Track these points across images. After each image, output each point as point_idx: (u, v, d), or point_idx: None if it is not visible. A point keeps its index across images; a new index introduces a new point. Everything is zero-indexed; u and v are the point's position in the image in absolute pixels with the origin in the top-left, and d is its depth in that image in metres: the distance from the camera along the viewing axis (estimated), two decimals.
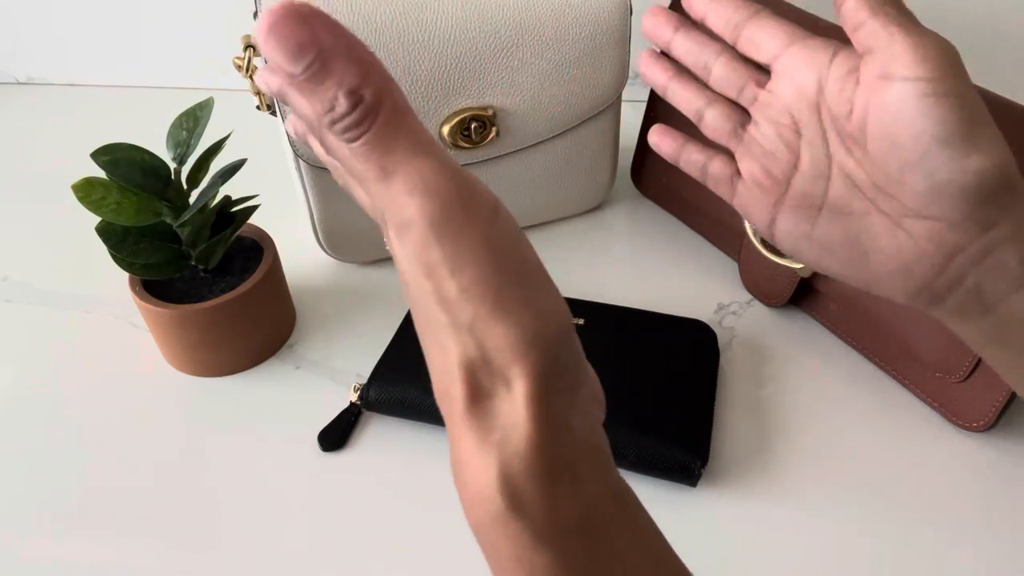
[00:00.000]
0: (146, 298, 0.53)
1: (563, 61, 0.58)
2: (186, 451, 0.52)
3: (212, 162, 0.52)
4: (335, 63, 0.22)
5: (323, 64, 0.22)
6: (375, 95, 0.23)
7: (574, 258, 0.66)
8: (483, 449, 0.24)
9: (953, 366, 0.49)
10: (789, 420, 0.53)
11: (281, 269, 0.58)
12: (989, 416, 0.49)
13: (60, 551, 0.46)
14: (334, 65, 0.22)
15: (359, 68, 0.22)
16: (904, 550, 0.46)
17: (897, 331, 0.52)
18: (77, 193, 0.47)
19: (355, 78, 0.22)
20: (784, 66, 0.35)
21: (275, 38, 0.21)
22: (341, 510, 0.48)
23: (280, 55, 0.21)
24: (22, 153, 0.81)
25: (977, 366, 0.48)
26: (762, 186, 0.37)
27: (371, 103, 0.23)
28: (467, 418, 0.24)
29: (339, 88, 0.22)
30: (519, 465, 0.24)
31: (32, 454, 0.52)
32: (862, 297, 0.53)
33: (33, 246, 0.69)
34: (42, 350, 0.59)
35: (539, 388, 0.24)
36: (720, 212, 0.63)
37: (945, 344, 0.49)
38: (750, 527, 0.47)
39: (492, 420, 0.24)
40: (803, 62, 0.34)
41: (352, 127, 0.23)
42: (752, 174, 0.37)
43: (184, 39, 0.86)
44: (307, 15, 0.21)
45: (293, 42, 0.21)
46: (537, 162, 0.64)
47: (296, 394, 0.55)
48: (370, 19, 0.53)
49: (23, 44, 0.89)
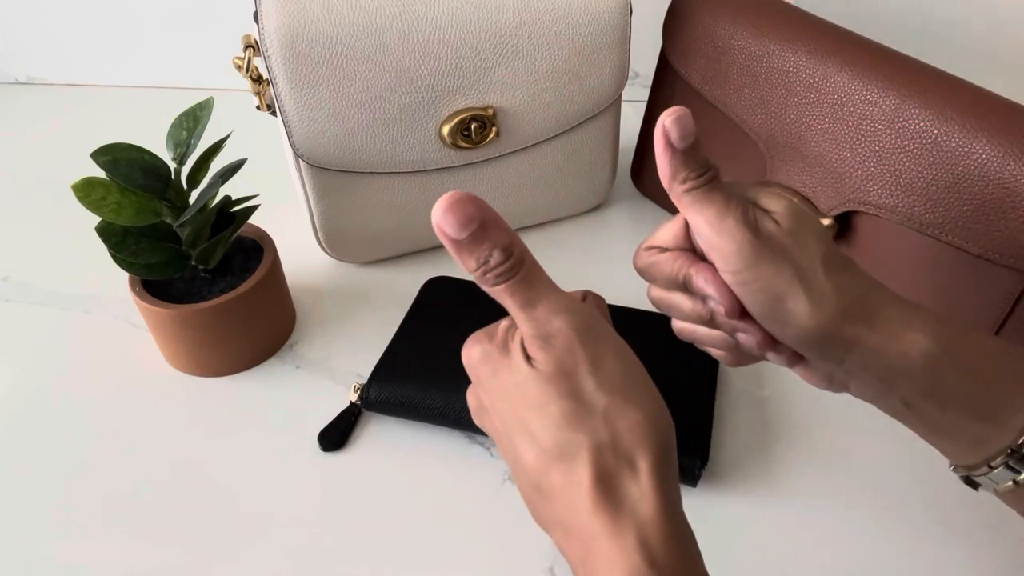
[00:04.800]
0: (146, 298, 0.53)
1: (563, 61, 0.58)
2: (186, 451, 0.52)
3: (212, 162, 0.52)
4: (492, 230, 0.31)
5: (483, 230, 0.31)
6: (520, 250, 0.32)
7: (574, 258, 0.66)
8: (618, 520, 0.30)
9: None
10: (789, 420, 0.53)
11: (281, 269, 0.58)
12: None
13: (60, 551, 0.46)
14: (491, 231, 0.31)
15: (509, 233, 0.32)
16: (904, 550, 0.46)
17: None
18: (77, 193, 0.47)
19: (508, 239, 0.32)
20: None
21: (452, 213, 0.30)
22: (341, 510, 0.48)
23: (451, 226, 0.31)
24: (22, 153, 0.81)
25: None
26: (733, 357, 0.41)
27: (519, 256, 0.32)
28: (595, 495, 0.30)
29: (494, 247, 0.31)
30: (652, 529, 0.30)
31: (32, 454, 0.52)
32: None
33: (33, 246, 0.69)
34: (42, 350, 0.59)
35: (659, 463, 0.31)
36: None
37: None
38: (750, 527, 0.47)
39: (620, 493, 0.30)
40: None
41: (505, 273, 0.32)
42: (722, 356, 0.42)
43: (184, 39, 0.86)
44: (471, 198, 0.31)
45: (464, 215, 0.31)
46: (537, 162, 0.64)
47: (296, 394, 0.55)
48: (371, 19, 0.53)
49: (23, 44, 0.89)
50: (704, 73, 0.60)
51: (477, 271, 0.32)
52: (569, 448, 0.31)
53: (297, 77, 0.53)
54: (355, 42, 0.53)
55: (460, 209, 0.30)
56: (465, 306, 0.57)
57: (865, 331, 0.35)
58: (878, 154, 0.51)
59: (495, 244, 0.31)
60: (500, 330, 0.35)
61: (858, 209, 0.52)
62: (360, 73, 0.54)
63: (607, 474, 0.31)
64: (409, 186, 0.61)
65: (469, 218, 0.31)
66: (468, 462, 0.51)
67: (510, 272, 0.32)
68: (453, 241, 0.31)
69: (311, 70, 0.53)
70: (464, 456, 0.51)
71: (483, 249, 0.31)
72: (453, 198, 0.30)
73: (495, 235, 0.31)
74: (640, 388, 0.33)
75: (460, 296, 0.58)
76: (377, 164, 0.59)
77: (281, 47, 0.52)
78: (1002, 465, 0.35)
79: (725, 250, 0.35)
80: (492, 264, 0.32)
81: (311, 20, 0.52)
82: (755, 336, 0.37)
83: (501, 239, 0.32)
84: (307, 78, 0.53)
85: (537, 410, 0.32)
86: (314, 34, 0.52)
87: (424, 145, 0.59)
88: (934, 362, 0.34)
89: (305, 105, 0.54)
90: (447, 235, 0.31)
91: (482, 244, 0.31)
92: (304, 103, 0.54)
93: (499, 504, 0.48)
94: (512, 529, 0.47)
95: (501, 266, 0.32)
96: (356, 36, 0.53)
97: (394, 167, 0.59)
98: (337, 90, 0.54)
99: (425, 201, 0.62)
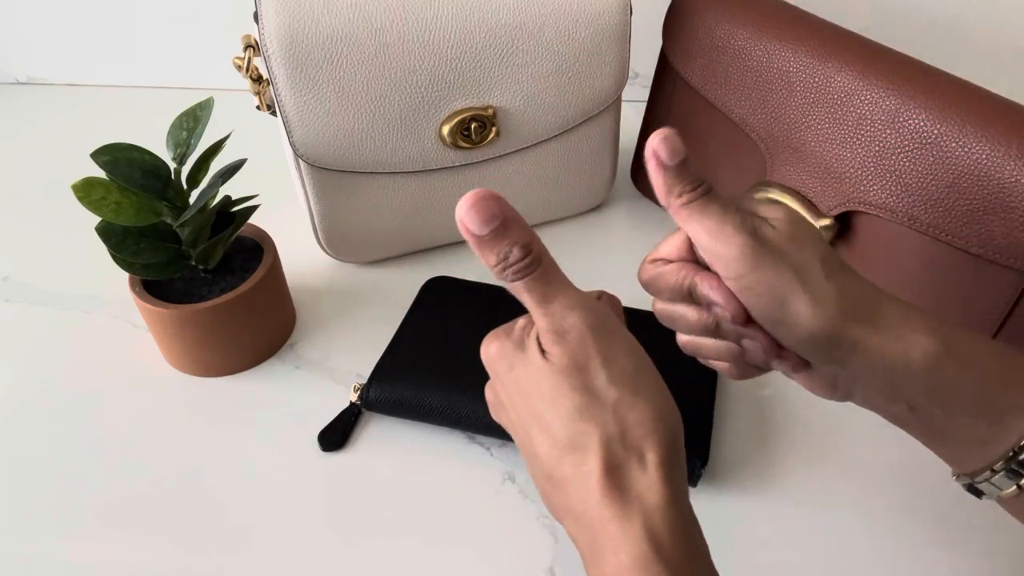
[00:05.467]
0: (146, 298, 0.53)
1: (563, 61, 0.58)
2: (186, 451, 0.52)
3: (212, 162, 0.52)
4: (513, 227, 0.33)
5: (504, 227, 0.32)
6: (539, 248, 0.33)
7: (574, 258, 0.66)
8: (626, 508, 0.31)
9: None
10: (789, 420, 0.53)
11: (281, 269, 0.58)
12: None
13: (60, 551, 0.46)
14: (512, 228, 0.33)
15: (528, 232, 0.33)
16: (903, 550, 0.46)
17: None
18: (77, 193, 0.47)
19: (528, 237, 0.33)
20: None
21: (475, 210, 0.32)
22: (341, 510, 0.48)
23: (474, 222, 0.32)
24: (22, 153, 0.81)
25: None
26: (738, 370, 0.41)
27: (537, 254, 0.33)
28: (604, 484, 0.31)
29: (514, 244, 0.33)
30: (658, 518, 0.31)
31: (32, 454, 0.52)
32: None
33: (33, 246, 0.69)
34: (42, 350, 0.59)
35: (667, 456, 0.32)
36: None
37: None
38: (750, 527, 0.47)
39: (628, 483, 0.32)
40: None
41: (523, 269, 0.33)
42: (727, 369, 0.42)
43: (184, 39, 0.86)
44: (495, 197, 0.32)
45: (488, 212, 0.32)
46: (537, 162, 0.64)
47: (296, 394, 0.55)
48: (371, 19, 0.53)
49: (23, 44, 0.89)
50: (704, 73, 0.60)
51: (497, 266, 0.33)
52: (580, 439, 0.32)
53: (297, 77, 0.53)
54: (355, 42, 0.53)
55: (484, 207, 0.32)
56: (465, 306, 0.57)
57: (868, 332, 0.35)
58: (878, 154, 0.51)
59: (515, 241, 0.33)
60: (517, 327, 0.36)
61: (858, 209, 0.52)
62: (360, 73, 0.54)
63: (616, 465, 0.32)
64: (409, 186, 0.61)
65: (492, 215, 0.32)
66: (468, 462, 0.51)
67: (528, 268, 0.33)
68: (476, 237, 0.33)
69: (311, 70, 0.53)
70: (464, 456, 0.51)
71: (504, 245, 0.33)
72: (477, 196, 0.32)
73: (516, 232, 0.33)
74: (650, 384, 0.34)
75: (460, 296, 0.58)
76: (377, 164, 0.59)
77: (281, 47, 0.52)
78: (1004, 470, 0.35)
79: (726, 256, 0.35)
80: (512, 260, 0.33)
81: (311, 20, 0.52)
82: (761, 342, 0.37)
83: (522, 236, 0.33)
84: (307, 78, 0.53)
85: (550, 403, 0.33)
86: (314, 34, 0.52)
87: (424, 145, 0.59)
88: (937, 361, 0.35)
89: (305, 105, 0.54)
90: (470, 231, 0.32)
91: (503, 241, 0.32)
92: (304, 103, 0.54)
93: (499, 504, 0.48)
94: (512, 529, 0.47)
95: (520, 262, 0.33)
96: (356, 36, 0.53)
97: (394, 167, 0.59)
98: (337, 90, 0.54)
99: (425, 201, 0.62)
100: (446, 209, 0.63)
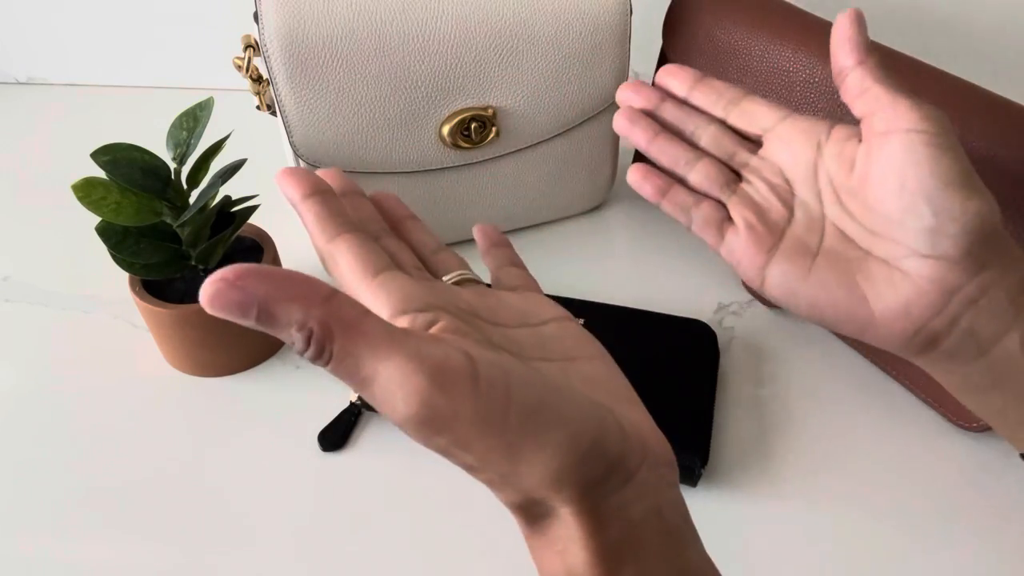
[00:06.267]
0: (146, 298, 0.53)
1: (563, 61, 0.58)
2: (186, 451, 0.52)
3: (212, 162, 0.52)
4: (277, 308, 0.22)
5: (268, 313, 0.22)
6: (320, 324, 0.23)
7: (574, 258, 0.66)
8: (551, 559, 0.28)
9: None
10: (789, 420, 0.53)
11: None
12: None
13: (59, 551, 0.46)
14: (276, 310, 0.22)
15: (298, 304, 0.23)
16: (904, 550, 0.46)
17: None
18: (77, 193, 0.47)
19: (298, 313, 0.23)
20: (779, 135, 0.40)
21: (219, 309, 0.22)
22: (341, 510, 0.48)
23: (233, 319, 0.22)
24: (22, 153, 0.81)
25: None
26: (756, 232, 0.38)
27: (320, 334, 0.23)
28: (530, 539, 0.29)
29: (290, 327, 0.23)
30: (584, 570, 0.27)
31: (31, 454, 0.52)
32: None
33: (33, 246, 0.69)
34: (42, 350, 0.59)
35: (584, 506, 0.26)
36: None
37: None
38: (750, 527, 0.47)
39: (552, 536, 0.28)
40: (799, 132, 0.39)
41: (316, 357, 0.23)
42: (747, 220, 0.39)
43: (184, 39, 0.86)
44: (236, 278, 0.22)
45: (235, 307, 0.22)
46: (537, 162, 0.64)
47: (296, 394, 0.55)
48: (371, 19, 0.53)
49: (23, 44, 0.89)
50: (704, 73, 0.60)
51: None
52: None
53: (297, 77, 0.53)
54: (355, 42, 0.53)
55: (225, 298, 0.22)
56: None
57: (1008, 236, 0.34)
58: None
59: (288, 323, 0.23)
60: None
61: None
62: (360, 73, 0.54)
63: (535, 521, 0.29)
64: (409, 186, 0.61)
65: (243, 305, 0.22)
66: None
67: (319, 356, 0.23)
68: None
69: (311, 70, 0.53)
70: None
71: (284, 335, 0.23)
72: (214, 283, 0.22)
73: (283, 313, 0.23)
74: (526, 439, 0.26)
75: None
76: (377, 164, 0.59)
77: (281, 47, 0.52)
78: None
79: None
80: (298, 350, 0.23)
81: (311, 20, 0.52)
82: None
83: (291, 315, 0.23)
84: (307, 78, 0.53)
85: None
86: (314, 34, 0.52)
87: (424, 145, 0.59)
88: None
89: (305, 105, 0.54)
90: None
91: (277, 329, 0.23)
92: (304, 103, 0.54)
93: (499, 504, 0.48)
94: (513, 529, 0.47)
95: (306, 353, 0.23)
96: (356, 36, 0.53)
97: (394, 167, 0.59)
98: (337, 90, 0.54)
99: (425, 201, 0.62)
100: (446, 209, 0.63)
